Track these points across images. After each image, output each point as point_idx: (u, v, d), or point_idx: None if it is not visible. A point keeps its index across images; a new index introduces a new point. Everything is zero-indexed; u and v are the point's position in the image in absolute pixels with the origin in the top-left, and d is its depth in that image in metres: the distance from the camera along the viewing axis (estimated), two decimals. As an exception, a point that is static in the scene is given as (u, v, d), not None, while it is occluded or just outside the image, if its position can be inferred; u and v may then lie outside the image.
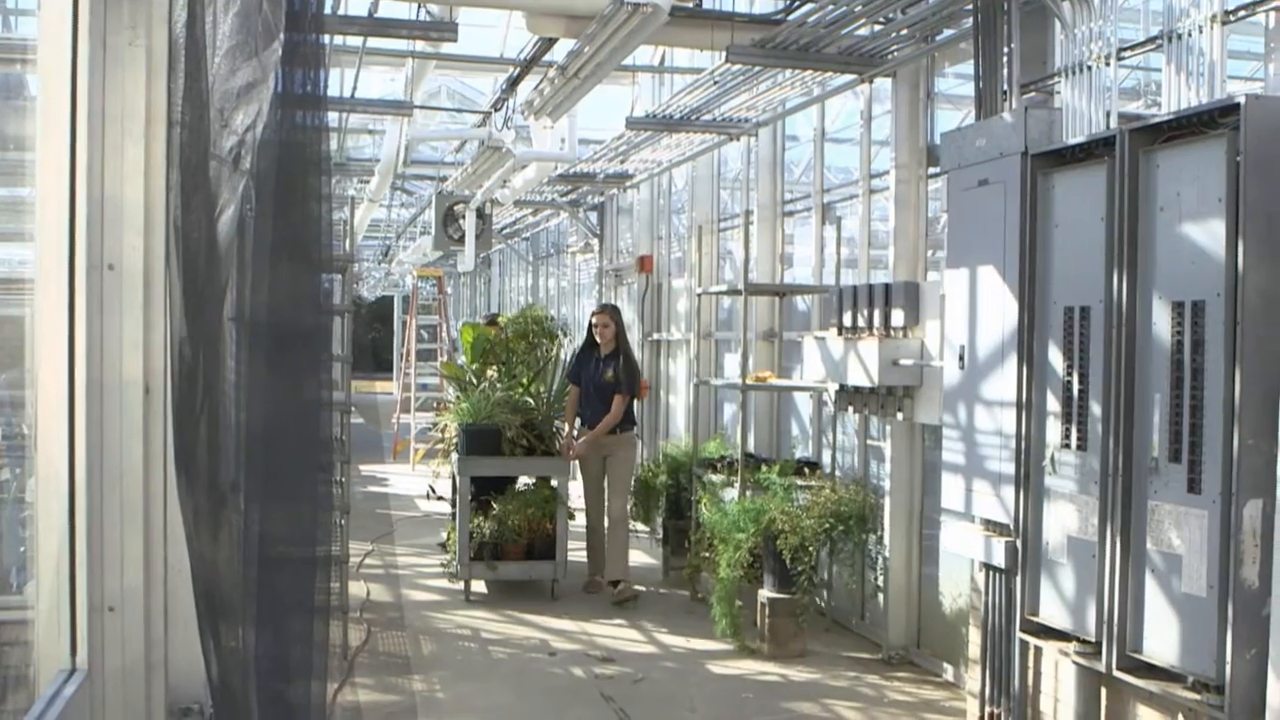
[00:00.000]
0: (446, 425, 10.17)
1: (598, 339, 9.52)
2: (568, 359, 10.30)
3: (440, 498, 9.88)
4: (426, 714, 6.39)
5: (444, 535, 10.48)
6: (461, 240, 13.72)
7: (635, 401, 9.67)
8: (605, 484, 9.43)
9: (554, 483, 9.36)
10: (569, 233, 17.70)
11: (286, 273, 3.19)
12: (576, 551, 9.61)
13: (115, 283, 2.66)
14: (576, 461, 9.51)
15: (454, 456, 9.62)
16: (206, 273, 3.01)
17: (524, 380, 9.80)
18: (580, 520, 9.78)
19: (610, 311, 9.73)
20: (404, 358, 19.53)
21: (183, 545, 3.00)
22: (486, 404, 9.25)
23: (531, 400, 9.64)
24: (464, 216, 13.59)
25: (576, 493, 9.71)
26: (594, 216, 15.44)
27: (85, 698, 2.59)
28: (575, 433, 9.55)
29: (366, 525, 11.78)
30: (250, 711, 2.95)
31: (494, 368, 9.94)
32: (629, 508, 9.78)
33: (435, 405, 19.54)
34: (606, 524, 9.37)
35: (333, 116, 11.68)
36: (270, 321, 3.11)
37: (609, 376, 9.30)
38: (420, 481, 14.47)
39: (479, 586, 9.35)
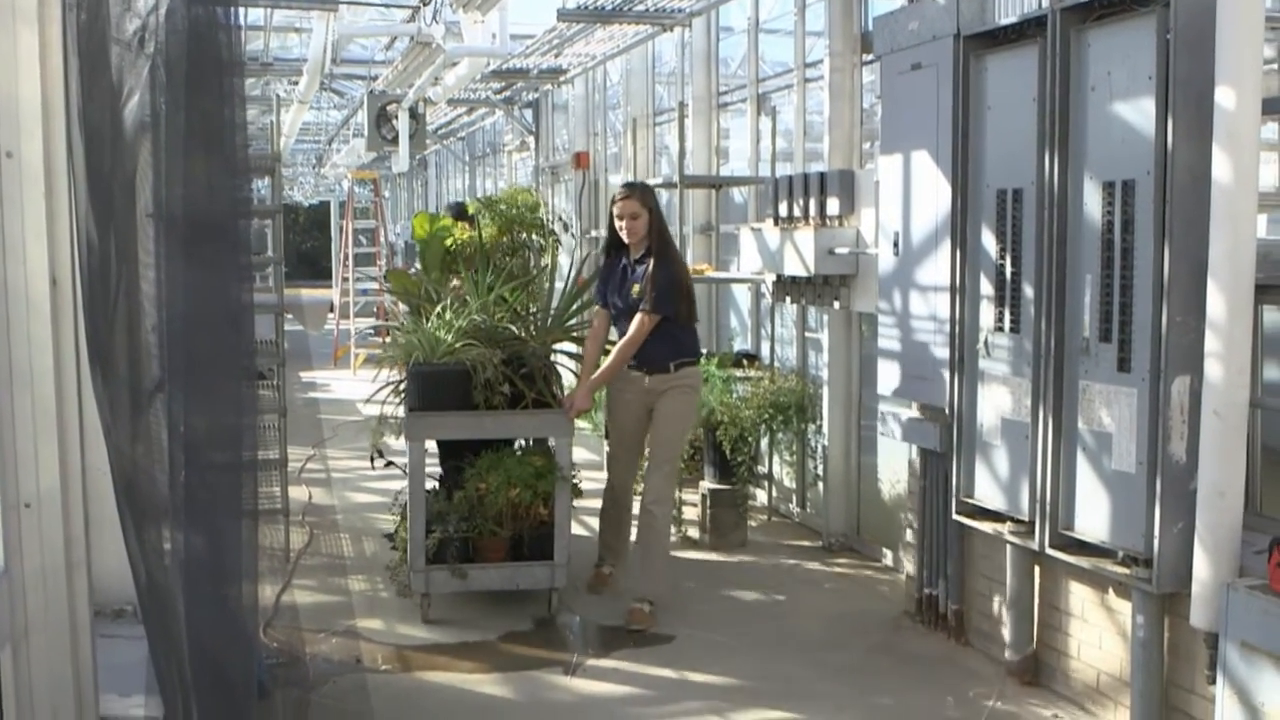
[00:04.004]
0: (394, 360, 6.88)
1: (624, 236, 6.43)
2: (573, 263, 7.98)
3: (390, 463, 6.74)
4: (370, 613, 6.40)
5: (397, 523, 6.95)
6: (395, 141, 13.53)
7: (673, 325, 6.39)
8: (646, 443, 6.60)
9: (553, 445, 6.46)
10: (505, 131, 17.48)
11: (204, 167, 3.09)
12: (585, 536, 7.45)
13: (14, 171, 2.56)
14: (609, 415, 6.78)
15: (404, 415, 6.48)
16: (113, 161, 2.91)
17: (506, 295, 6.74)
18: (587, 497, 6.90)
19: (640, 194, 6.46)
20: (342, 263, 19.31)
21: (103, 445, 2.94)
22: (449, 333, 6.32)
23: (516, 327, 6.65)
24: (397, 117, 13.38)
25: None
26: (529, 114, 15.24)
27: (4, 595, 2.55)
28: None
29: (308, 431, 11.73)
30: (176, 612, 2.91)
31: (462, 278, 6.97)
32: (676, 488, 7.01)
33: (375, 311, 19.40)
34: (637, 503, 6.57)
35: (257, 13, 11.37)
36: (187, 216, 3.03)
37: (637, 291, 6.33)
38: (362, 387, 14.39)
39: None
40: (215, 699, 2.94)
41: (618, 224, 6.40)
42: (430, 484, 6.48)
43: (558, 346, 6.98)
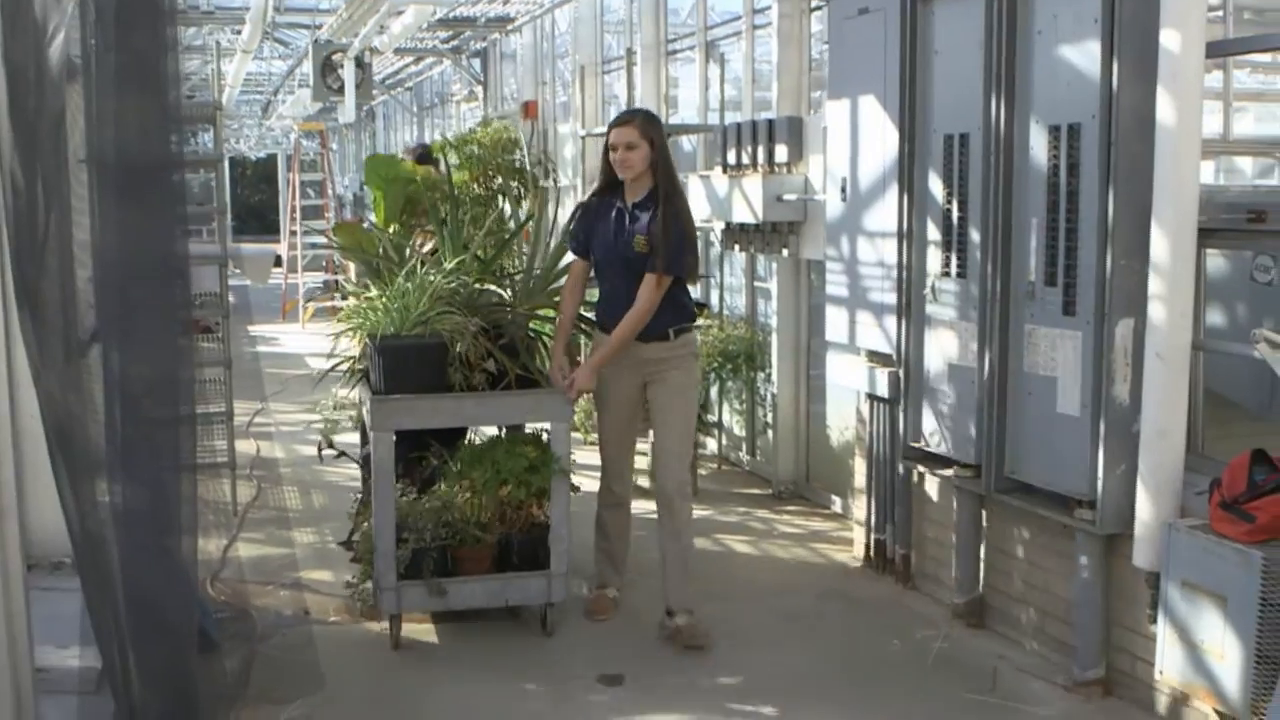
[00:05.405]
0: (352, 337, 5.77)
1: (620, 173, 5.31)
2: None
3: (342, 454, 6.05)
4: (318, 565, 6.36)
5: (353, 526, 6.04)
6: (341, 91, 13.34)
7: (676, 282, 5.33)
8: (651, 429, 5.54)
9: (546, 432, 5.53)
10: (453, 81, 17.33)
11: (137, 112, 3.01)
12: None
13: (-69, 107, 2.48)
14: (588, 395, 5.64)
15: (363, 402, 5.62)
16: (38, 101, 2.83)
17: (482, 253, 5.75)
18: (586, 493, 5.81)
19: (642, 122, 5.31)
20: (289, 216, 19.08)
21: (34, 392, 2.87)
22: (419, 298, 5.25)
23: (500, 289, 5.72)
24: (343, 66, 13.20)
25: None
26: (477, 63, 15.10)
27: (-70, 545, 2.50)
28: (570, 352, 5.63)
29: (256, 385, 11.60)
30: (111, 564, 2.87)
31: (430, 233, 6.05)
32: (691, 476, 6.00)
33: (324, 265, 19.18)
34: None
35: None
36: (121, 162, 2.95)
37: (641, 244, 5.23)
38: (312, 340, 14.27)
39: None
40: (153, 650, 2.90)
41: (612, 156, 5.27)
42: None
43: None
